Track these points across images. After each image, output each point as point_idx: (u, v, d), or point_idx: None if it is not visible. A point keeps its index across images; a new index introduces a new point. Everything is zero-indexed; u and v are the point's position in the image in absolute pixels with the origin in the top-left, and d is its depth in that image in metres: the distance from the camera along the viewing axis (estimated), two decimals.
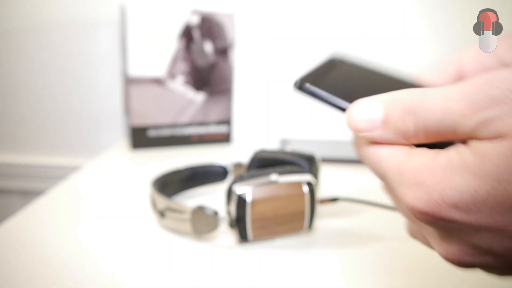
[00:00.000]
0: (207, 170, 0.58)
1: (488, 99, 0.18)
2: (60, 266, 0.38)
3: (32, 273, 0.37)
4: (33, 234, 0.44)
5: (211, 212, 0.42)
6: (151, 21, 0.75)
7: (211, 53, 0.81)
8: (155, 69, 0.78)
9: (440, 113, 0.19)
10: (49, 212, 0.50)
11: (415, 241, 0.46)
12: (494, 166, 0.17)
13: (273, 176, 0.43)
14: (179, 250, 0.43)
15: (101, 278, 0.37)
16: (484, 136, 0.18)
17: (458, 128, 0.19)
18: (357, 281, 0.38)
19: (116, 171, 0.68)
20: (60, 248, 0.42)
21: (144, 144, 0.81)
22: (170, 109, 0.81)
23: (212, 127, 0.86)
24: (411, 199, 0.19)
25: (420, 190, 0.19)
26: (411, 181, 0.20)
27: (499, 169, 0.17)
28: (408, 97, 0.20)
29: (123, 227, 0.47)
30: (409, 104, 0.20)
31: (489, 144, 0.18)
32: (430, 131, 0.20)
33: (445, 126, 0.19)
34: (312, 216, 0.44)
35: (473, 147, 0.18)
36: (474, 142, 0.18)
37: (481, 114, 0.18)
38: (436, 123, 0.19)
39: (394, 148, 0.21)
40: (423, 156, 0.20)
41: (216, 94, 0.84)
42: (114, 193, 0.58)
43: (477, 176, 0.18)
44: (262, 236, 0.43)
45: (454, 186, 0.18)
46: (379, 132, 0.21)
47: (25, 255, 0.40)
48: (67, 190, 0.58)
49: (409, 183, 0.20)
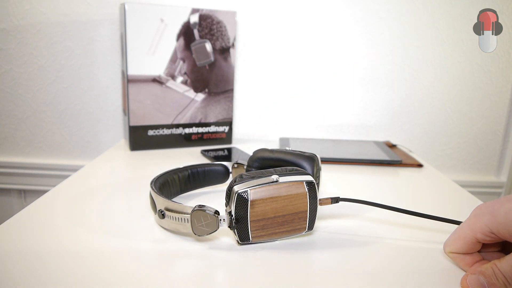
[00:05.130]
0: (207, 170, 0.58)
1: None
2: (59, 266, 0.38)
3: (32, 273, 0.37)
4: (33, 234, 0.44)
5: (211, 212, 0.42)
6: (151, 20, 0.75)
7: (211, 52, 0.81)
8: (154, 68, 0.78)
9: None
10: (49, 212, 0.50)
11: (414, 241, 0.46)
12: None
13: (274, 176, 0.43)
14: (179, 250, 0.43)
15: (101, 278, 0.37)
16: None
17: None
18: (357, 281, 0.38)
19: (116, 171, 0.68)
20: (60, 248, 0.42)
21: (144, 144, 0.81)
22: (170, 109, 0.81)
23: (212, 127, 0.86)
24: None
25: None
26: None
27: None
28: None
29: (123, 227, 0.47)
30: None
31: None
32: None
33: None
34: (313, 216, 0.44)
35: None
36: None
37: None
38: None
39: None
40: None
41: (216, 94, 0.84)
42: (113, 193, 0.58)
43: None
44: (262, 237, 0.43)
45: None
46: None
47: (25, 255, 0.40)
48: (67, 190, 0.58)
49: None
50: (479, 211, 0.37)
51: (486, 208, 0.37)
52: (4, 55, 0.89)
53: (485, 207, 0.37)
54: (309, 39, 0.91)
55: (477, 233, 0.36)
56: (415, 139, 0.98)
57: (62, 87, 0.92)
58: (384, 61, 0.93)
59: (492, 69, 0.94)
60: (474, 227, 0.37)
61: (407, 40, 0.91)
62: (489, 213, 0.36)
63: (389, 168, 0.76)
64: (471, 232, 0.37)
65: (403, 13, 0.90)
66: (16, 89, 0.91)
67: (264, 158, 0.56)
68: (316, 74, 0.93)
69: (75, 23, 0.88)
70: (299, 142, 0.89)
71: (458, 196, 0.63)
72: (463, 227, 0.38)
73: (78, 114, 0.94)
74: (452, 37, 0.92)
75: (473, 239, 0.37)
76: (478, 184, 0.99)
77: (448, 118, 0.97)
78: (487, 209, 0.36)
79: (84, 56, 0.90)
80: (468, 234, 0.37)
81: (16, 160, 0.96)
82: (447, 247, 0.40)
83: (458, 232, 0.39)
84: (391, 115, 0.96)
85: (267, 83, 0.94)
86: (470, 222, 0.37)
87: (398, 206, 0.46)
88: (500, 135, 0.98)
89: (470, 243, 0.38)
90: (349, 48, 0.92)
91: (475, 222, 0.37)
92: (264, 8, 0.90)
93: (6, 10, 0.87)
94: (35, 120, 0.94)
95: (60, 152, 0.96)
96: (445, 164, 1.00)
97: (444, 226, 0.49)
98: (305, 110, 0.95)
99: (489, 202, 0.37)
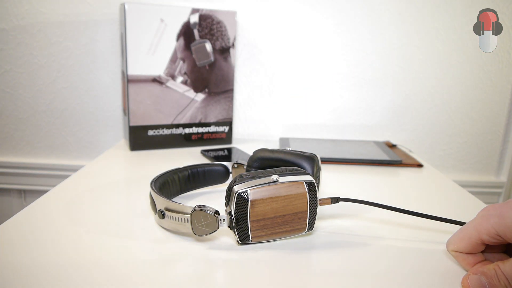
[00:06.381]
0: (207, 170, 0.58)
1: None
2: (59, 266, 0.38)
3: (32, 273, 0.37)
4: (33, 234, 0.44)
5: (211, 212, 0.42)
6: (151, 20, 0.75)
7: (211, 52, 0.81)
8: (154, 68, 0.78)
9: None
10: (49, 212, 0.50)
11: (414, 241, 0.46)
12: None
13: (274, 176, 0.43)
14: (179, 250, 0.43)
15: (101, 278, 0.37)
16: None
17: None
18: (357, 281, 0.38)
19: (116, 171, 0.68)
20: (59, 248, 0.42)
21: (144, 144, 0.81)
22: (170, 109, 0.81)
23: (212, 127, 0.86)
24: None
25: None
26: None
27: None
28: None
29: (123, 227, 0.47)
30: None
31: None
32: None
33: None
34: (313, 216, 0.44)
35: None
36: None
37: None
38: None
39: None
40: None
41: (216, 94, 0.84)
42: (113, 193, 0.58)
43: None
44: (262, 237, 0.43)
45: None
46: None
47: (25, 255, 0.40)
48: (67, 190, 0.58)
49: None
50: (487, 213, 0.37)
51: (494, 211, 0.36)
52: (4, 55, 0.89)
53: (493, 209, 0.37)
54: (309, 39, 0.91)
55: (483, 234, 0.36)
56: (415, 139, 0.98)
57: (62, 87, 0.92)
58: (384, 61, 0.93)
59: (492, 69, 0.94)
60: (480, 228, 0.37)
61: (407, 40, 0.91)
62: (497, 216, 0.36)
63: (389, 168, 0.76)
64: (476, 233, 0.37)
65: (403, 13, 0.90)
66: (16, 89, 0.91)
67: (264, 158, 0.56)
68: (316, 74, 0.93)
69: (75, 23, 0.88)
70: (299, 142, 0.89)
71: (458, 196, 0.63)
72: (469, 227, 0.38)
73: (78, 114, 0.94)
74: (452, 37, 0.92)
75: (478, 240, 0.37)
76: (478, 184, 0.99)
77: (448, 118, 0.97)
78: (495, 212, 0.36)
79: (84, 56, 0.90)
80: (474, 234, 0.37)
81: (16, 160, 0.96)
82: (451, 246, 0.40)
83: (463, 232, 0.39)
84: (391, 115, 0.96)
85: (267, 83, 0.94)
86: (476, 223, 0.37)
87: (398, 206, 0.46)
88: (500, 135, 0.98)
89: (474, 243, 0.38)
90: (349, 48, 0.92)
91: (482, 224, 0.37)
92: (264, 8, 0.90)
93: (6, 10, 0.87)
94: (35, 120, 0.94)
95: (60, 152, 0.96)
96: (445, 164, 1.00)
97: (444, 226, 0.49)
98: (305, 110, 0.95)
99: (497, 204, 0.37)
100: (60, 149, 0.96)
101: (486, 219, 0.36)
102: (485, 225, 0.36)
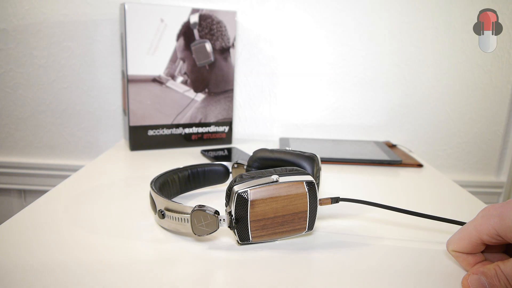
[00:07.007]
0: (207, 170, 0.58)
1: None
2: (59, 266, 0.38)
3: (32, 273, 0.37)
4: (33, 234, 0.44)
5: (211, 212, 0.42)
6: (151, 20, 0.75)
7: (211, 52, 0.81)
8: (154, 68, 0.78)
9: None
10: (49, 212, 0.50)
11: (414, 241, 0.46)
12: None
13: (274, 176, 0.43)
14: (179, 250, 0.43)
15: (101, 278, 0.37)
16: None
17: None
18: (357, 281, 0.38)
19: (116, 171, 0.68)
20: (60, 248, 0.42)
21: (144, 144, 0.81)
22: (170, 109, 0.81)
23: (212, 127, 0.86)
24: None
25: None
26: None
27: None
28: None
29: (123, 227, 0.47)
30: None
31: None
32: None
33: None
34: (313, 216, 0.44)
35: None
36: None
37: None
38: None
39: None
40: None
41: (216, 94, 0.84)
42: (114, 193, 0.58)
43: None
44: (262, 237, 0.43)
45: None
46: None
47: (25, 255, 0.40)
48: (67, 190, 0.58)
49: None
50: (487, 213, 0.37)
51: (495, 211, 0.36)
52: (4, 55, 0.89)
53: (493, 209, 0.37)
54: (309, 39, 0.91)
55: (483, 234, 0.36)
56: (415, 139, 0.98)
57: (62, 87, 0.92)
58: (384, 61, 0.93)
59: (492, 69, 0.94)
60: (480, 229, 0.37)
61: (407, 40, 0.91)
62: (498, 216, 0.36)
63: (389, 168, 0.76)
64: (476, 233, 0.37)
65: (403, 13, 0.90)
66: (16, 89, 0.91)
67: (264, 158, 0.56)
68: (316, 74, 0.93)
69: (75, 23, 0.88)
70: (299, 142, 0.89)
71: (458, 196, 0.63)
72: (469, 227, 0.38)
73: (78, 114, 0.94)
74: (452, 37, 0.92)
75: (478, 240, 0.37)
76: (478, 184, 0.99)
77: (448, 118, 0.97)
78: (496, 212, 0.36)
79: (84, 56, 0.90)
80: (474, 234, 0.37)
81: (16, 160, 0.96)
82: (451, 245, 0.40)
83: (463, 232, 0.39)
84: (391, 115, 0.96)
85: (267, 83, 0.94)
86: (477, 223, 0.37)
87: (398, 206, 0.46)
88: (500, 135, 0.98)
89: (474, 243, 0.38)
90: (349, 48, 0.92)
91: (482, 224, 0.37)
92: (264, 8, 0.90)
93: (6, 10, 0.87)
94: (35, 120, 0.94)
95: (60, 152, 0.96)
96: (445, 164, 1.00)
97: (444, 226, 0.49)
98: (305, 110, 0.95)
99: (497, 204, 0.37)
100: (60, 149, 0.96)
101: (486, 219, 0.36)
102: (485, 225, 0.36)
